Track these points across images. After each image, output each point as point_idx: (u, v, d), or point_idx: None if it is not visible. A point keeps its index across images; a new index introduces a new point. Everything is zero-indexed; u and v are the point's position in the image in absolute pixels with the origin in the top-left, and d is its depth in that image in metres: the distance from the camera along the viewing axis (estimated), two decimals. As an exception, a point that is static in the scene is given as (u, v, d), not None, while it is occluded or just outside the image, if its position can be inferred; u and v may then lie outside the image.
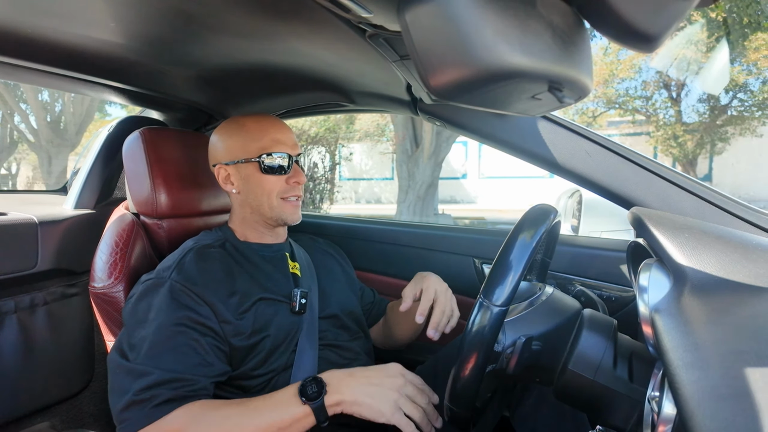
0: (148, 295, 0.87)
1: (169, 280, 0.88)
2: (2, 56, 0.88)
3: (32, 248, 1.17)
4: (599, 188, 0.94)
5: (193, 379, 0.80)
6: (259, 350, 0.90)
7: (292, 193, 1.02)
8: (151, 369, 0.78)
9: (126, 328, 0.86)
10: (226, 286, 0.90)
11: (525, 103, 0.53)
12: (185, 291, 0.86)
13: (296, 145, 1.05)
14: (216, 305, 0.87)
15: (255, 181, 1.01)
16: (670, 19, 0.37)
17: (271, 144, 1.00)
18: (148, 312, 0.85)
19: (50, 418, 1.24)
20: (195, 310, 0.85)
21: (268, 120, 1.04)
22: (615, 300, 1.07)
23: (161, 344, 0.81)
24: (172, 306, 0.84)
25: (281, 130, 1.03)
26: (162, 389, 0.77)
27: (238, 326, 0.88)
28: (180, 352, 0.81)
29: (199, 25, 0.79)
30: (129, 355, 0.81)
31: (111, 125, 1.41)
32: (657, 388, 0.56)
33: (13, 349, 1.13)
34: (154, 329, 0.82)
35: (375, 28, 0.68)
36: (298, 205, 1.05)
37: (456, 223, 8.82)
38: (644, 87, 10.21)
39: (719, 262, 0.57)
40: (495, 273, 0.65)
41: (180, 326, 0.83)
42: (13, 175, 12.96)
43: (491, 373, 0.72)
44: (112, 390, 0.80)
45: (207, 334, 0.85)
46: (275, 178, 1.01)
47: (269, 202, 1.01)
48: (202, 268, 0.91)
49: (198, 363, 0.82)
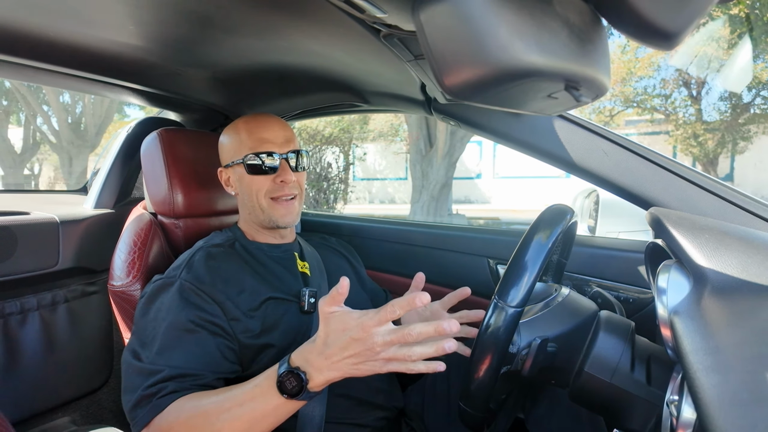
0: (158, 295, 0.89)
1: (179, 279, 0.89)
2: (25, 59, 0.90)
3: (54, 247, 1.19)
4: (617, 188, 0.93)
5: (200, 375, 0.80)
6: (268, 350, 0.90)
7: (281, 192, 0.99)
8: (161, 366, 0.79)
9: (137, 327, 0.87)
10: (235, 285, 0.91)
11: (541, 102, 0.52)
12: (194, 290, 0.88)
13: (288, 143, 1.01)
14: (225, 304, 0.88)
15: (246, 182, 1.01)
16: (691, 16, 0.36)
17: (256, 144, 0.99)
18: (158, 311, 0.86)
19: (70, 414, 1.26)
20: (204, 309, 0.86)
21: (258, 119, 1.03)
22: (633, 302, 1.06)
23: (171, 343, 0.82)
24: (181, 305, 0.86)
25: (269, 128, 1.01)
26: (168, 383, 0.78)
27: (248, 324, 0.89)
28: (189, 350, 0.82)
29: (215, 27, 0.79)
30: (141, 355, 0.82)
31: (129, 126, 1.44)
32: (676, 391, 0.55)
33: (34, 345, 1.16)
34: (164, 328, 0.83)
35: (389, 28, 0.68)
36: (289, 205, 1.01)
37: (470, 224, 8.78)
38: (663, 85, 10.04)
39: (741, 264, 0.56)
40: (510, 274, 0.65)
41: (190, 325, 0.84)
42: (35, 175, 13.27)
43: (506, 374, 0.71)
44: (125, 390, 0.81)
45: (216, 333, 0.86)
46: (262, 178, 0.99)
47: (259, 203, 1.00)
48: (211, 267, 0.92)
49: (207, 360, 0.83)
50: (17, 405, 1.12)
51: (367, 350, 0.66)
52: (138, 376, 0.80)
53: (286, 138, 1.01)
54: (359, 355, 0.67)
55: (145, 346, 0.83)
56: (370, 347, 0.66)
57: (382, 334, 0.66)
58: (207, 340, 0.84)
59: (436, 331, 0.64)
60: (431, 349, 0.65)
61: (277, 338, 0.91)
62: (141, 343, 0.84)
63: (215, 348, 0.84)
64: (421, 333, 0.65)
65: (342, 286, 0.69)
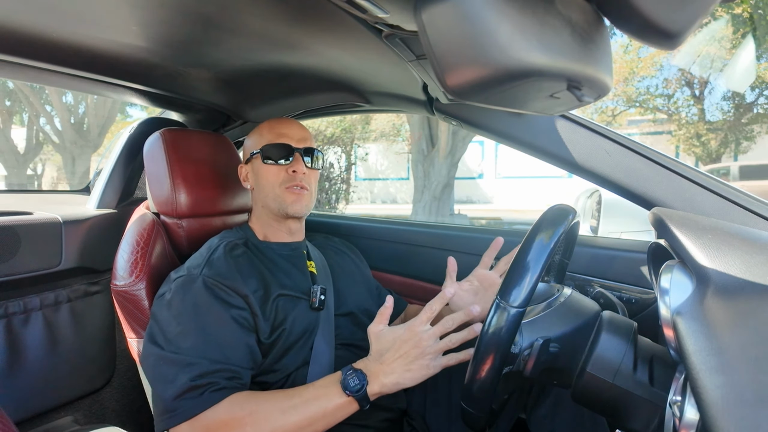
0: (183, 291, 0.89)
1: (201, 276, 0.90)
2: (28, 59, 0.90)
3: (57, 247, 1.20)
4: (619, 188, 0.92)
5: (240, 372, 0.83)
6: (277, 347, 0.92)
7: (292, 182, 1.03)
8: (198, 359, 0.81)
9: (158, 323, 0.87)
10: (252, 282, 0.93)
11: (543, 102, 0.52)
12: (218, 285, 0.89)
13: (304, 140, 1.07)
14: (249, 297, 0.90)
15: (261, 173, 1.06)
16: (694, 16, 0.36)
17: (273, 137, 1.05)
18: (184, 306, 0.87)
19: (73, 413, 1.27)
20: (230, 303, 0.88)
21: (279, 119, 1.10)
22: (635, 302, 1.05)
23: (204, 337, 0.83)
24: (209, 300, 0.87)
25: (288, 126, 1.07)
26: (216, 377, 0.80)
27: (262, 324, 0.90)
28: (224, 344, 0.84)
29: (218, 27, 0.80)
30: (169, 347, 0.83)
31: (132, 126, 1.44)
32: (679, 392, 0.55)
33: (37, 344, 1.17)
34: (194, 323, 0.84)
35: (391, 28, 0.68)
36: (300, 194, 1.04)
37: (472, 224, 8.77)
38: (666, 85, 10.02)
39: (744, 264, 0.55)
40: (512, 274, 0.65)
41: (220, 318, 0.86)
42: (38, 175, 13.32)
43: (508, 374, 0.71)
44: (157, 381, 0.81)
45: (244, 326, 0.88)
46: (276, 167, 1.04)
47: (273, 191, 1.04)
48: (231, 263, 0.94)
49: (241, 355, 0.85)
50: (20, 404, 1.13)
51: (415, 347, 0.79)
52: (172, 366, 0.80)
53: (303, 137, 1.07)
54: (409, 354, 0.79)
55: (172, 342, 0.83)
56: (417, 343, 0.79)
57: (425, 330, 0.79)
58: (237, 332, 0.86)
59: (467, 315, 0.79)
60: (465, 333, 0.79)
61: (284, 334, 0.92)
62: (166, 338, 0.84)
63: (246, 340, 0.87)
64: (455, 320, 0.80)
65: (386, 307, 0.84)
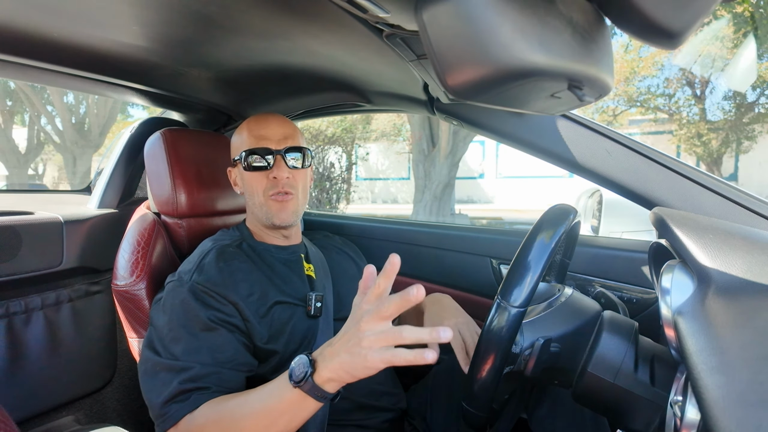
0: (173, 296, 0.89)
1: (191, 282, 0.90)
2: (29, 59, 0.90)
3: (57, 246, 1.20)
4: (620, 188, 0.92)
5: (231, 375, 0.83)
6: (276, 355, 0.91)
7: (274, 189, 0.98)
8: (191, 363, 0.81)
9: (155, 329, 0.88)
10: (246, 286, 0.92)
11: (544, 102, 0.52)
12: (208, 292, 0.88)
13: (286, 138, 0.99)
14: (239, 304, 0.89)
15: (246, 180, 1.01)
16: (695, 15, 0.36)
17: (253, 141, 0.99)
18: (174, 312, 0.87)
19: (74, 413, 1.27)
20: (220, 310, 0.88)
21: (259, 117, 1.03)
22: (636, 302, 1.05)
23: (197, 342, 0.84)
24: (196, 306, 0.87)
25: (267, 126, 1.00)
26: (207, 381, 0.80)
27: (258, 328, 0.90)
28: (214, 347, 0.84)
29: (219, 27, 0.80)
30: (165, 353, 0.84)
31: (133, 126, 1.44)
32: (680, 392, 0.55)
33: (38, 344, 1.17)
34: (186, 329, 0.85)
35: (392, 27, 0.68)
36: (284, 201, 0.98)
37: (473, 223, 8.76)
38: (667, 84, 10.01)
39: (745, 264, 0.55)
40: (513, 274, 0.65)
41: (210, 324, 0.86)
42: (39, 175, 13.33)
43: (509, 374, 0.71)
44: (153, 386, 0.82)
45: (234, 332, 0.87)
46: (258, 175, 0.99)
47: (258, 200, 1.00)
48: (222, 268, 0.92)
49: (233, 360, 0.85)
50: (21, 404, 1.13)
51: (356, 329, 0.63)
52: (168, 372, 0.81)
53: (285, 135, 1.00)
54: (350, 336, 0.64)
55: (168, 347, 0.84)
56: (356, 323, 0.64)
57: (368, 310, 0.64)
58: (227, 337, 0.86)
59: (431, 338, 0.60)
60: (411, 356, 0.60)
61: (283, 344, 0.92)
62: (162, 342, 0.85)
63: (236, 344, 0.86)
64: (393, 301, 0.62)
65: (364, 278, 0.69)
